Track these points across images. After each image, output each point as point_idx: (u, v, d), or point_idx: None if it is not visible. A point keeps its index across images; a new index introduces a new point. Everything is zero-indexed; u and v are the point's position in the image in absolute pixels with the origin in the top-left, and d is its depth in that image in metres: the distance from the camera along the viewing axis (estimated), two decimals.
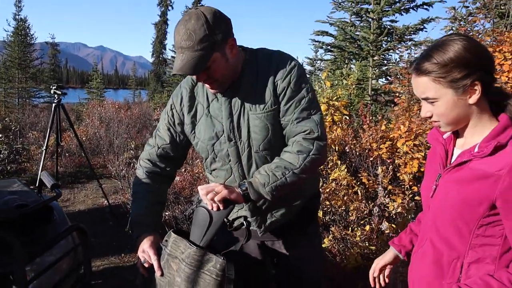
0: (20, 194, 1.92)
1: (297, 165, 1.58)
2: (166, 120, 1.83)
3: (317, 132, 1.61)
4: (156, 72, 37.93)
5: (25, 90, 22.92)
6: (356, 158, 3.94)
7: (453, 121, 1.28)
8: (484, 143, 1.23)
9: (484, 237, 1.26)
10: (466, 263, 1.29)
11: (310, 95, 1.65)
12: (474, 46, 1.23)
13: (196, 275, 1.51)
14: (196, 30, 1.48)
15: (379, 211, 3.28)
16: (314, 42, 7.36)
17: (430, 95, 1.26)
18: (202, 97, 1.75)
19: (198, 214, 1.57)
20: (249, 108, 1.65)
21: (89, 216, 5.87)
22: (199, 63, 1.50)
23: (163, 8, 38.62)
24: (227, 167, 1.75)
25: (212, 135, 1.72)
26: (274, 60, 1.66)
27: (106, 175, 7.87)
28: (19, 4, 24.08)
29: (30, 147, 8.84)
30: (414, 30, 6.45)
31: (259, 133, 1.65)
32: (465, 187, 1.25)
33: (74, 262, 2.01)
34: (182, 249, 1.55)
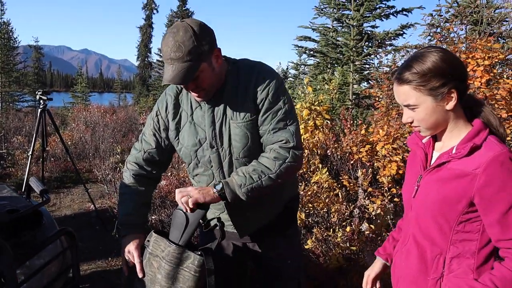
0: (10, 200, 1.98)
1: (273, 170, 1.67)
2: (151, 125, 1.90)
3: (292, 142, 1.70)
4: (141, 75, 37.75)
5: (8, 94, 22.60)
6: (338, 161, 4.06)
7: (432, 125, 1.38)
8: (461, 145, 1.34)
9: (463, 233, 1.35)
10: (448, 258, 1.38)
11: (287, 107, 1.74)
12: (450, 57, 1.34)
13: (176, 271, 1.62)
14: (185, 41, 1.56)
15: (359, 212, 3.40)
16: (297, 47, 7.48)
17: (411, 102, 1.36)
18: (186, 105, 1.83)
19: (176, 216, 1.68)
20: (230, 116, 1.74)
21: (76, 221, 5.88)
22: (189, 73, 1.58)
23: (148, 12, 38.49)
24: (209, 173, 1.83)
25: (195, 142, 1.80)
26: (255, 72, 1.74)
27: (92, 180, 7.86)
28: (2, 8, 23.79)
29: (14, 152, 8.77)
30: (394, 36, 6.63)
31: (239, 141, 1.74)
32: (444, 186, 1.35)
33: (62, 265, 2.08)
34: (163, 247, 1.65)
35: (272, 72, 1.78)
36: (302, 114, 4.23)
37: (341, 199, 3.57)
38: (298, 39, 7.77)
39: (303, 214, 3.60)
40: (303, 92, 4.65)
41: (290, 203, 1.97)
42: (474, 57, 3.66)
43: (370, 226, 3.23)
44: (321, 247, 3.58)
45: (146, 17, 38.64)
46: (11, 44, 23.95)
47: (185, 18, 1.70)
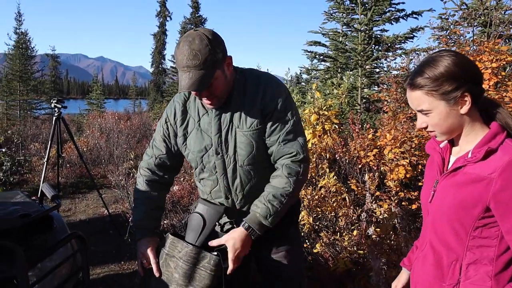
0: (23, 205, 2.06)
1: (291, 188, 1.75)
2: (161, 132, 1.99)
3: (302, 154, 1.78)
4: (155, 82, 38.15)
5: (26, 102, 23.08)
6: (346, 165, 4.08)
7: (447, 130, 1.37)
8: (476, 149, 1.32)
9: (480, 239, 1.32)
10: (464, 264, 1.35)
11: (295, 118, 1.80)
12: (462, 60, 1.33)
13: (193, 271, 1.71)
14: (201, 50, 1.62)
15: (366, 216, 3.41)
16: (306, 52, 7.52)
17: (424, 107, 1.35)
18: (193, 111, 1.90)
19: (193, 219, 1.79)
20: (237, 125, 1.80)
21: (90, 226, 6.01)
22: (205, 80, 1.64)
23: (162, 19, 38.92)
24: (213, 178, 1.90)
25: (201, 148, 1.87)
26: (262, 82, 1.81)
27: (106, 185, 8.01)
28: (20, 18, 24.35)
29: (31, 158, 8.98)
30: (403, 39, 6.62)
31: (244, 149, 1.80)
32: (460, 191, 1.33)
33: (73, 268, 2.15)
34: (179, 248, 1.74)
35: (279, 84, 1.84)
36: (310, 119, 4.27)
37: (348, 203, 3.59)
38: (308, 44, 7.82)
39: (311, 218, 3.63)
40: (312, 97, 4.68)
41: (291, 206, 2.01)
42: (481, 59, 3.65)
43: (376, 230, 3.24)
44: (329, 251, 3.60)
45: (159, 24, 39.08)
46: (28, 53, 24.48)
47: (198, 27, 1.77)
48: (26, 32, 24.72)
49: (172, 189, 6.13)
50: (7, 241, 1.70)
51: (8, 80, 23.26)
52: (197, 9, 34.57)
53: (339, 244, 3.46)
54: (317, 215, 3.73)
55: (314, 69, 8.46)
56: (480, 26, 5.48)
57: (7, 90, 22.69)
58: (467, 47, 3.84)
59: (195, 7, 34.30)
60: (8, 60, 23.91)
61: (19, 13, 24.15)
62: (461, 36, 4.10)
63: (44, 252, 1.93)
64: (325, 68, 7.93)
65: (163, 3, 38.67)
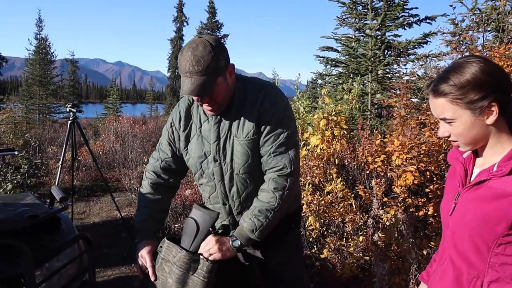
0: (32, 206, 2.14)
1: (276, 203, 1.77)
2: (167, 136, 2.03)
3: (290, 168, 1.79)
4: (172, 86, 38.54)
5: (45, 106, 23.62)
6: (354, 171, 4.08)
7: (471, 141, 1.30)
8: (503, 162, 1.24)
9: (503, 256, 1.25)
10: (486, 282, 1.28)
11: (289, 131, 1.81)
12: (491, 68, 1.25)
13: (186, 276, 1.71)
14: (204, 56, 1.65)
15: (373, 222, 3.41)
16: (319, 58, 7.53)
17: (447, 116, 1.28)
18: (196, 117, 1.93)
19: (187, 224, 1.79)
20: (234, 133, 1.82)
21: (103, 228, 6.11)
22: (207, 86, 1.67)
23: (178, 24, 39.36)
24: (212, 184, 1.94)
25: (201, 154, 1.91)
26: (263, 92, 1.82)
27: (120, 189, 8.12)
28: (40, 24, 25.01)
29: (48, 161, 9.16)
30: (416, 44, 6.58)
31: (240, 157, 1.82)
32: (483, 206, 1.25)
33: (79, 268, 2.21)
34: (174, 253, 1.75)
35: (279, 95, 1.85)
36: (319, 124, 4.29)
37: (355, 208, 3.59)
38: (320, 49, 7.83)
39: (317, 223, 3.64)
40: (322, 102, 4.70)
41: (291, 214, 2.03)
42: None
43: (379, 236, 3.24)
44: (336, 257, 3.61)
45: (176, 29, 39.53)
46: (48, 58, 25.07)
47: (202, 35, 1.81)
48: (46, 37, 25.37)
49: (185, 193, 6.20)
50: (15, 241, 1.77)
51: (28, 84, 23.85)
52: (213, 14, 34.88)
53: (345, 250, 3.46)
54: (324, 221, 3.74)
55: (327, 74, 8.46)
56: (494, 31, 5.42)
57: (27, 95, 23.28)
58: (477, 53, 3.81)
59: (211, 12, 34.61)
60: (28, 65, 24.52)
61: (39, 19, 24.81)
62: (471, 41, 4.07)
63: (51, 252, 2.00)
64: (337, 73, 7.93)
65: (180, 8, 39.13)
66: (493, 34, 5.64)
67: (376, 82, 6.38)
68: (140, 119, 21.15)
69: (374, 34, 6.50)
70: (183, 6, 38.97)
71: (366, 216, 3.54)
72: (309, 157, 3.97)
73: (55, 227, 2.21)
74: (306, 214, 3.72)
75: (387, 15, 6.70)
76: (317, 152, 4.08)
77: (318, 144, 4.11)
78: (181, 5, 38.77)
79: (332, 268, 3.65)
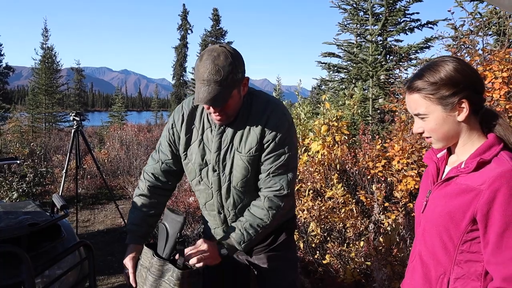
0: (33, 214, 2.16)
1: (267, 220, 1.79)
2: (167, 137, 2.00)
3: (287, 190, 1.81)
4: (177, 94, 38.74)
5: (51, 115, 23.81)
6: (356, 176, 4.08)
7: (443, 136, 1.35)
8: (470, 159, 1.30)
9: (468, 253, 1.29)
10: (452, 279, 1.32)
11: (291, 153, 1.81)
12: (464, 67, 1.31)
13: (158, 283, 1.70)
14: (225, 67, 1.63)
15: (374, 227, 3.40)
16: (320, 64, 7.56)
17: (421, 111, 1.34)
18: (198, 123, 1.92)
19: (160, 229, 1.76)
20: (236, 147, 1.82)
21: (108, 236, 6.14)
22: (223, 98, 1.65)
23: (183, 32, 39.63)
24: (208, 192, 1.94)
25: (201, 162, 1.90)
26: (268, 110, 1.81)
27: (125, 196, 8.16)
28: (46, 34, 25.31)
29: (54, 170, 9.22)
30: (417, 49, 6.59)
31: (239, 171, 1.83)
32: (451, 201, 1.30)
33: (80, 275, 2.24)
34: (149, 259, 1.75)
35: (284, 114, 1.84)
36: (320, 130, 4.30)
37: (356, 213, 3.59)
38: (322, 55, 7.86)
39: (319, 228, 3.64)
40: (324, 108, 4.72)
41: (286, 222, 2.04)
42: (491, 69, 3.61)
43: (380, 240, 3.23)
44: (338, 262, 3.60)
45: (181, 37, 39.80)
46: (54, 67, 25.30)
47: (219, 41, 1.78)
48: (52, 47, 25.62)
49: (188, 200, 6.21)
50: (16, 248, 1.79)
51: (34, 93, 24.06)
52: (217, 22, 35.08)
53: (346, 255, 3.46)
54: (326, 226, 3.74)
55: (329, 80, 8.48)
56: (495, 35, 5.42)
57: (33, 104, 23.48)
58: (476, 57, 3.81)
59: (215, 20, 34.81)
60: (34, 74, 24.75)
61: (45, 29, 25.11)
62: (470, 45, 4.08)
63: (51, 260, 2.02)
64: (339, 79, 7.95)
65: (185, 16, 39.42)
66: (495, 38, 5.63)
67: (378, 87, 6.40)
68: (145, 126, 21.26)
69: (375, 39, 6.52)
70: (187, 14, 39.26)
71: (367, 221, 3.54)
72: (310, 163, 3.98)
73: (56, 234, 2.24)
74: (307, 220, 3.72)
75: (388, 20, 6.72)
76: (318, 157, 4.09)
77: (319, 149, 4.12)
78: (186, 13, 39.05)
79: (335, 274, 3.64)
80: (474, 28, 4.89)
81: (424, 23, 7.28)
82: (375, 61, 6.28)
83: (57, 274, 2.05)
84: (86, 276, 2.22)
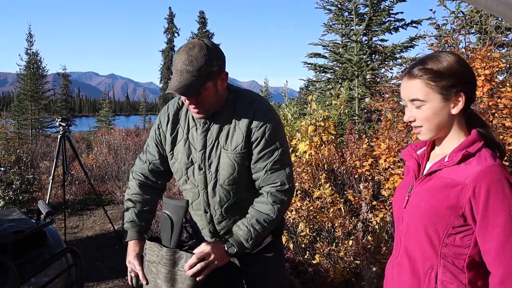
0: (18, 222, 2.14)
1: (274, 215, 1.79)
2: (154, 137, 2.01)
3: (288, 184, 1.82)
4: (164, 97, 38.60)
5: (38, 121, 23.55)
6: (343, 175, 4.11)
7: (435, 127, 1.36)
8: (454, 153, 1.32)
9: (453, 247, 1.31)
10: (440, 272, 1.33)
11: (283, 147, 1.83)
12: (464, 62, 1.34)
13: (172, 273, 1.69)
14: (198, 58, 1.65)
15: (363, 226, 3.43)
16: (307, 64, 7.59)
17: (420, 97, 1.33)
18: (184, 122, 1.93)
19: (162, 219, 1.75)
20: (222, 145, 1.82)
21: (97, 242, 6.09)
22: (194, 87, 1.66)
23: (170, 35, 39.51)
24: (195, 191, 1.93)
25: (187, 161, 1.90)
26: (254, 107, 1.81)
27: (114, 202, 8.09)
28: (31, 39, 25.01)
29: (41, 176, 9.12)
30: (402, 48, 6.66)
31: (226, 169, 1.82)
32: (435, 195, 1.32)
33: (67, 282, 2.21)
34: (157, 253, 1.73)
35: (270, 110, 1.85)
36: (307, 130, 4.32)
37: (344, 213, 3.62)
38: (308, 56, 7.89)
39: (307, 228, 3.65)
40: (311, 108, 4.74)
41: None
42: (474, 67, 3.67)
43: (368, 239, 3.26)
44: (328, 262, 3.62)
45: (168, 40, 39.67)
46: (40, 73, 25.02)
47: (203, 38, 1.81)
48: (37, 52, 25.32)
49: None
50: (1, 256, 1.77)
51: (20, 100, 23.78)
52: (204, 24, 35.06)
53: (335, 255, 3.48)
54: (314, 226, 3.75)
55: (316, 81, 8.52)
56: (478, 33, 5.50)
57: (19, 110, 23.19)
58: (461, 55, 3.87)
59: (202, 22, 34.80)
60: (20, 80, 24.46)
61: (30, 34, 24.81)
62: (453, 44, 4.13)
63: (37, 267, 2.00)
64: (326, 79, 8.00)
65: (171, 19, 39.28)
66: (477, 36, 5.72)
67: (364, 86, 6.45)
68: (133, 131, 21.12)
69: (360, 39, 6.58)
70: (173, 17, 39.16)
71: (355, 220, 3.56)
72: (297, 163, 4.00)
73: (42, 241, 2.21)
74: (296, 221, 3.74)
75: (372, 20, 6.78)
76: (305, 158, 4.10)
77: (306, 150, 4.14)
78: (172, 16, 38.95)
79: (325, 273, 3.66)
80: (456, 27, 4.96)
81: (408, 23, 7.37)
82: (360, 61, 6.33)
83: (44, 282, 2.02)
84: (74, 282, 2.20)
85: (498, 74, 4.28)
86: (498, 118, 3.54)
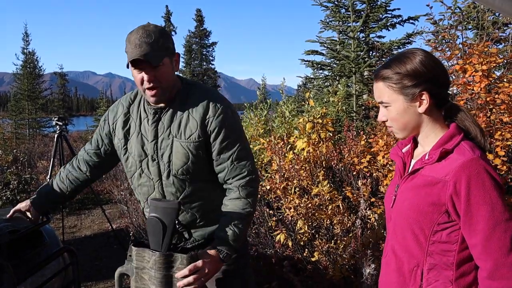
0: (14, 221, 2.12)
1: (251, 208, 1.81)
2: (98, 129, 2.08)
3: (253, 173, 1.84)
4: None
5: (35, 120, 23.49)
6: (341, 172, 4.10)
7: (404, 127, 1.38)
8: (433, 150, 1.33)
9: (440, 243, 1.32)
10: (425, 270, 1.34)
11: (242, 137, 1.86)
12: (430, 61, 1.34)
13: (168, 276, 1.63)
14: (156, 32, 1.71)
15: (361, 223, 3.42)
16: (304, 62, 7.58)
17: (384, 99, 1.38)
18: (136, 115, 1.93)
19: (151, 224, 1.67)
20: (174, 134, 1.82)
21: (95, 241, 6.08)
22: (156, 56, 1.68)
23: None
24: (150, 184, 1.91)
25: (141, 153, 1.89)
26: (207, 97, 1.83)
27: (112, 201, 8.08)
28: (27, 39, 24.89)
29: (38, 176, 9.10)
30: (399, 45, 6.66)
31: (179, 158, 1.81)
32: (418, 193, 1.34)
33: (64, 281, 2.20)
34: (147, 258, 1.66)
35: (223, 100, 1.86)
36: (305, 127, 4.31)
37: (342, 210, 3.61)
38: (306, 53, 7.88)
39: (306, 225, 3.64)
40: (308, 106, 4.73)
41: None
42: (471, 62, 3.66)
43: (367, 236, 3.25)
44: (327, 259, 3.61)
45: None
46: (36, 72, 24.93)
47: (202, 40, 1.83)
48: (34, 51, 25.23)
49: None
50: None
51: (17, 99, 23.70)
52: (201, 23, 34.96)
53: (334, 252, 3.47)
54: (313, 223, 3.74)
55: (314, 78, 8.51)
56: (475, 29, 5.50)
57: (16, 110, 23.13)
58: (456, 51, 3.86)
59: (199, 21, 34.71)
60: (16, 80, 24.38)
61: (26, 34, 24.67)
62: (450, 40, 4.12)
63: (34, 267, 1.99)
64: (323, 76, 7.99)
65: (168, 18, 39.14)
66: (474, 32, 5.71)
67: (362, 83, 6.44)
68: None
69: (357, 36, 6.57)
70: (170, 16, 39.01)
71: (354, 217, 3.55)
72: (296, 160, 3.99)
73: (38, 241, 2.20)
74: (295, 218, 3.73)
75: (369, 16, 6.77)
76: (303, 155, 4.09)
77: (304, 147, 4.13)
78: (169, 15, 38.82)
79: (324, 271, 3.66)
80: (453, 23, 4.95)
81: (405, 19, 7.37)
82: (357, 57, 6.32)
83: (40, 282, 2.01)
84: (71, 282, 2.19)
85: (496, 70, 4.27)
86: (496, 114, 3.53)
